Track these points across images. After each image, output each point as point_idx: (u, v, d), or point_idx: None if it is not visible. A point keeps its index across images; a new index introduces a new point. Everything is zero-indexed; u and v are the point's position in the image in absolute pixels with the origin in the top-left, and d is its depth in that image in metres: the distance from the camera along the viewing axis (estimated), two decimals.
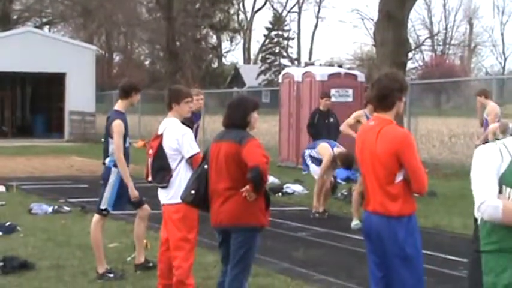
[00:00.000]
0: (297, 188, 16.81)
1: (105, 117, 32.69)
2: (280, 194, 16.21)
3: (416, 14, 76.23)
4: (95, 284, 8.44)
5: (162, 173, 7.47)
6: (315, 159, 13.54)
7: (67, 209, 13.94)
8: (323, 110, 14.40)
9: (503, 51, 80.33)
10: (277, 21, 77.05)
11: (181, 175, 7.36)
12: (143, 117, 34.69)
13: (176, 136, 7.42)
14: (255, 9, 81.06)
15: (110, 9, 53.65)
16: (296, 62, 70.67)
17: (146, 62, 70.65)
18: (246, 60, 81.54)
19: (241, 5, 77.01)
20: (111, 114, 8.80)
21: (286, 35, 77.44)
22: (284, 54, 76.06)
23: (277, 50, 75.86)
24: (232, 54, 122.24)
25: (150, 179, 7.68)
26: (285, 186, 16.85)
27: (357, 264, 9.36)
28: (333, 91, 20.65)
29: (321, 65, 26.66)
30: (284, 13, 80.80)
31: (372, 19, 62.62)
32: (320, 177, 13.47)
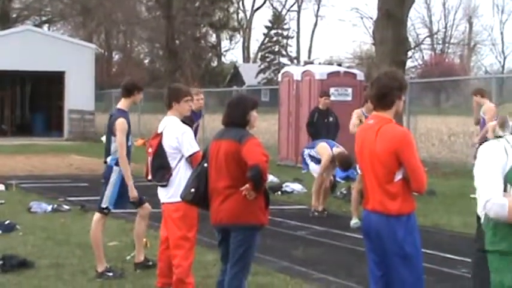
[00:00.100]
0: (296, 187, 16.81)
1: (104, 115, 32.59)
2: (279, 193, 16.22)
3: (416, 12, 76.41)
4: (95, 283, 8.44)
5: (161, 171, 7.47)
6: (314, 158, 13.55)
7: (66, 207, 13.94)
8: (322, 108, 14.39)
9: (502, 50, 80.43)
10: (277, 19, 77.06)
11: (181, 174, 7.37)
12: (143, 116, 34.67)
13: (176, 135, 7.42)
14: (255, 7, 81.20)
15: (110, 7, 53.65)
16: (295, 61, 70.67)
17: (145, 61, 70.66)
18: (246, 58, 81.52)
19: (240, 3, 77.18)
20: (114, 112, 8.78)
21: (285, 33, 77.50)
22: (283, 53, 76.11)
23: (276, 49, 75.90)
24: (231, 52, 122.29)
25: (149, 177, 7.68)
26: (284, 185, 16.85)
27: (356, 263, 9.36)
28: (332, 90, 20.66)
29: (320, 63, 26.66)
30: (283, 12, 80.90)
31: (372, 18, 62.64)
32: (319, 176, 13.47)
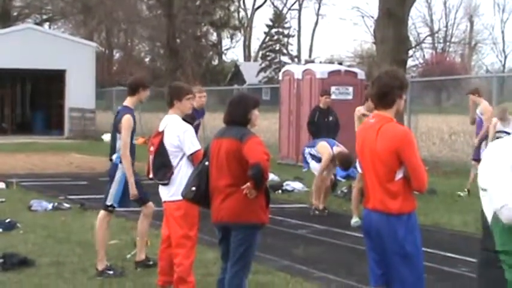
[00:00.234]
0: (296, 186, 16.81)
1: (105, 114, 32.57)
2: (280, 192, 16.21)
3: (417, 11, 76.27)
4: (95, 281, 8.44)
5: (163, 170, 7.47)
6: (315, 157, 13.55)
7: (67, 206, 13.94)
8: (323, 107, 14.38)
9: (503, 49, 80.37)
10: (278, 18, 77.04)
11: (182, 172, 7.36)
12: (143, 115, 34.62)
13: (177, 133, 7.42)
14: (256, 6, 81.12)
15: (110, 6, 53.60)
16: (296, 60, 70.69)
17: (146, 59, 70.60)
18: (246, 57, 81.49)
19: (241, 2, 77.17)
20: (120, 109, 8.76)
21: (286, 32, 77.49)
22: (284, 51, 76.10)
23: (277, 48, 75.90)
24: (232, 51, 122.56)
25: (151, 176, 7.68)
26: (284, 184, 16.85)
27: (356, 261, 9.36)
28: (333, 89, 20.66)
29: (321, 62, 26.67)
30: (284, 10, 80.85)
31: (372, 17, 62.50)
32: (319, 175, 13.47)
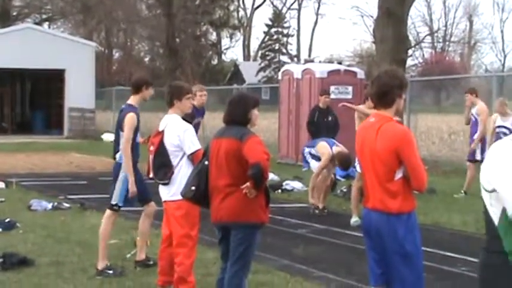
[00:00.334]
0: (296, 185, 16.81)
1: (104, 113, 32.55)
2: (279, 191, 16.21)
3: (416, 11, 76.29)
4: (95, 281, 8.44)
5: (163, 169, 7.46)
6: (315, 157, 13.56)
7: (66, 205, 13.93)
8: (322, 107, 14.37)
9: (503, 49, 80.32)
10: (277, 18, 77.03)
11: (182, 172, 7.35)
12: (143, 114, 34.45)
13: (178, 132, 7.42)
14: (255, 6, 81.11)
15: (110, 5, 53.60)
16: (296, 59, 70.69)
17: (146, 59, 70.58)
18: (246, 57, 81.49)
19: (241, 1, 77.12)
20: (124, 107, 8.77)
21: (285, 31, 77.48)
22: (284, 51, 76.10)
23: (276, 47, 75.90)
24: (232, 51, 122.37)
25: (151, 175, 7.68)
26: (284, 183, 16.85)
27: (356, 261, 9.36)
28: (332, 88, 20.65)
29: (320, 62, 26.65)
30: (284, 10, 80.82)
31: (372, 16, 62.45)
32: (316, 175, 13.49)
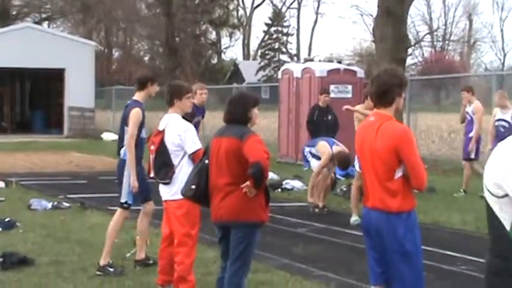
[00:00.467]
0: (296, 184, 16.81)
1: (104, 113, 32.54)
2: (279, 190, 16.21)
3: (416, 9, 76.27)
4: (94, 280, 8.44)
5: (164, 169, 7.46)
6: (316, 156, 13.57)
7: (66, 205, 13.94)
8: (322, 106, 14.37)
9: (502, 47, 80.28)
10: (277, 17, 76.99)
11: (183, 171, 7.34)
12: None
13: (178, 132, 7.41)
14: (255, 5, 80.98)
15: (109, 5, 53.60)
16: (295, 58, 70.67)
17: (145, 58, 70.54)
18: (246, 56, 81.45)
19: (240, 0, 77.05)
20: (130, 103, 8.78)
21: (285, 30, 77.41)
22: (283, 50, 76.04)
23: (276, 46, 75.83)
24: (231, 50, 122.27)
25: (152, 175, 7.68)
26: (284, 182, 16.85)
27: (356, 260, 9.36)
28: (332, 87, 20.65)
29: (320, 61, 26.68)
30: (283, 9, 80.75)
31: (372, 15, 62.43)
32: (316, 174, 13.50)
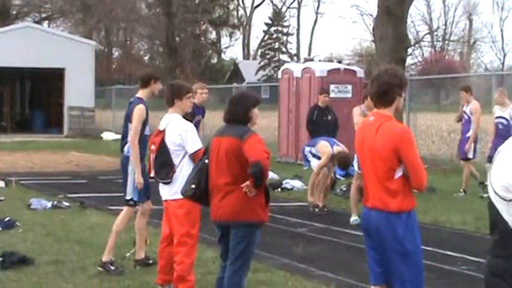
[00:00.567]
0: (296, 184, 16.81)
1: (104, 112, 32.54)
2: (279, 190, 16.21)
3: (416, 9, 76.41)
4: (94, 280, 8.43)
5: (165, 169, 7.45)
6: (316, 156, 13.57)
7: (66, 204, 13.94)
8: (322, 106, 14.37)
9: (502, 47, 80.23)
10: (277, 16, 76.99)
11: (184, 171, 7.33)
12: None
13: (179, 132, 7.41)
14: (255, 4, 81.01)
15: (109, 4, 53.62)
16: (295, 58, 70.64)
17: (145, 58, 70.51)
18: (246, 55, 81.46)
19: (240, 0, 77.08)
20: (133, 100, 8.78)
21: (285, 30, 77.41)
22: (283, 49, 76.04)
23: (276, 46, 75.83)
24: (231, 49, 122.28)
25: (152, 174, 7.68)
26: (284, 182, 16.85)
27: (356, 259, 9.35)
28: (332, 87, 20.65)
29: (320, 60, 26.65)
30: (283, 9, 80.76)
31: (372, 15, 62.41)
32: (315, 174, 13.51)
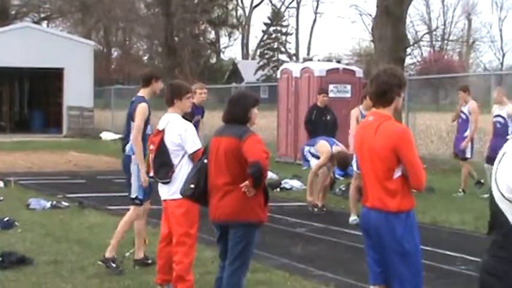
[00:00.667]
0: (295, 184, 16.81)
1: (103, 112, 32.58)
2: (278, 190, 16.21)
3: (415, 9, 76.28)
4: (93, 280, 8.43)
5: (164, 168, 7.45)
6: (315, 155, 13.57)
7: (65, 204, 13.94)
8: (320, 106, 14.37)
9: (501, 47, 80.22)
10: (276, 16, 76.96)
11: (183, 171, 7.32)
12: None
13: (179, 131, 7.41)
14: (254, 4, 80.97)
15: (108, 4, 53.61)
16: (294, 58, 70.64)
17: (144, 58, 70.49)
18: (244, 55, 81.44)
19: (239, 0, 77.07)
20: (135, 99, 8.81)
21: (284, 30, 77.37)
22: (282, 49, 76.00)
23: (275, 46, 75.80)
24: (230, 49, 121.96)
25: (151, 174, 7.68)
26: (283, 182, 16.85)
27: (355, 259, 9.36)
28: (331, 87, 20.65)
29: (319, 60, 26.68)
30: (282, 8, 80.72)
31: (371, 15, 62.49)
32: (313, 173, 13.51)
